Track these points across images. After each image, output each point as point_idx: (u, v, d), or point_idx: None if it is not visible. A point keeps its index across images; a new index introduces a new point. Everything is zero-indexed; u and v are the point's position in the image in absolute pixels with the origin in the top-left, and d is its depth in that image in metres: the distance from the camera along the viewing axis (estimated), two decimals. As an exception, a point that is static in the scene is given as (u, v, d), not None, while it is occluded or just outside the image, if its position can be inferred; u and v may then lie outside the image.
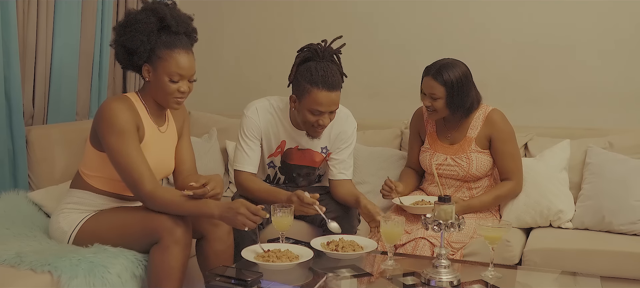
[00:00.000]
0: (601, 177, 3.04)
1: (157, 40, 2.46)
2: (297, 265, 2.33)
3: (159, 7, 2.49)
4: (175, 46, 2.47)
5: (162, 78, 2.47)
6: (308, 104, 2.72)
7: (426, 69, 2.94)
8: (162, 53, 2.46)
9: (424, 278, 2.24)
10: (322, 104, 2.70)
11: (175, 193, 2.43)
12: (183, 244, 2.38)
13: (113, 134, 2.40)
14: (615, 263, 2.72)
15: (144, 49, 2.46)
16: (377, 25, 3.84)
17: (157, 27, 2.47)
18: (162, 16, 2.47)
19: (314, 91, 2.69)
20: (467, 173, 2.96)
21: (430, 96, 2.90)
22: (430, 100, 2.90)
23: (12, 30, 2.94)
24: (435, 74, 2.87)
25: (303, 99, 2.73)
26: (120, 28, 2.51)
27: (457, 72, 2.87)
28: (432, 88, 2.88)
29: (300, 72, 2.74)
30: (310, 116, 2.74)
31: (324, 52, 2.77)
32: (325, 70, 2.70)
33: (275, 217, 2.48)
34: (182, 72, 2.47)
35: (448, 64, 2.89)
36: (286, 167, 2.98)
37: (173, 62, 2.46)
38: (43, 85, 3.19)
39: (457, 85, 2.86)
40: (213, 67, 4.15)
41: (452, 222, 2.22)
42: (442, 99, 2.88)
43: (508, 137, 2.97)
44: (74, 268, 2.26)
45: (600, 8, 3.48)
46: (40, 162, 3.06)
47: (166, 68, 2.46)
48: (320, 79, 2.68)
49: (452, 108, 2.90)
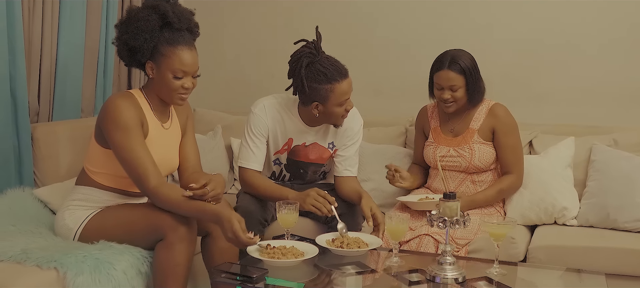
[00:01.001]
0: (606, 175, 3.04)
1: (160, 37, 2.46)
2: (302, 261, 2.33)
3: (161, 4, 2.49)
4: (178, 43, 2.46)
5: (166, 75, 2.47)
6: (335, 99, 2.74)
7: (437, 63, 2.95)
8: (165, 50, 2.46)
9: (429, 275, 2.24)
10: (346, 91, 2.75)
11: (179, 191, 2.41)
12: (188, 241, 2.38)
13: (118, 130, 2.40)
14: (620, 261, 2.72)
15: (146, 47, 2.46)
16: (381, 22, 3.84)
17: (159, 24, 2.46)
18: (163, 13, 2.47)
19: (335, 86, 2.71)
20: (470, 164, 2.96)
21: (450, 88, 2.91)
22: (451, 92, 2.91)
23: (18, 28, 2.94)
24: (451, 65, 2.89)
25: (329, 99, 2.73)
26: (123, 26, 2.51)
27: (468, 58, 2.92)
28: (451, 80, 2.89)
29: (312, 77, 2.72)
30: (339, 109, 2.77)
31: (318, 47, 2.77)
32: (331, 62, 2.73)
33: (281, 214, 2.48)
34: (185, 68, 2.47)
35: (457, 53, 2.92)
36: (292, 164, 2.99)
37: (176, 58, 2.46)
38: (48, 83, 3.20)
39: (473, 69, 2.91)
40: (217, 64, 4.16)
41: (457, 218, 2.22)
42: (462, 87, 2.90)
43: (511, 130, 2.98)
44: (80, 265, 2.27)
45: (603, 5, 3.47)
46: (45, 159, 3.07)
47: (169, 65, 2.46)
48: (335, 72, 2.71)
49: (472, 93, 2.92)
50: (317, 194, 2.70)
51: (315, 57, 2.74)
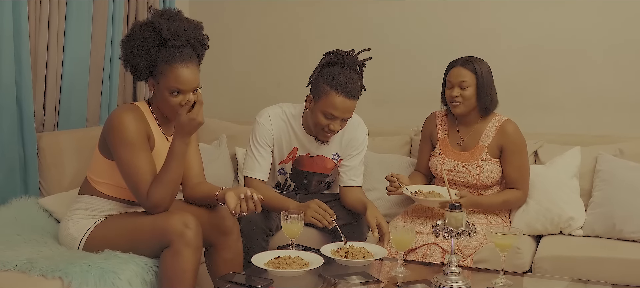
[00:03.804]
0: (612, 185, 3.03)
1: (157, 55, 2.45)
2: (307, 271, 2.32)
3: (157, 21, 2.45)
4: (174, 60, 2.43)
5: (164, 92, 2.46)
6: (324, 105, 2.73)
7: (451, 62, 2.98)
8: (162, 68, 2.44)
9: (435, 286, 2.24)
10: (338, 109, 2.72)
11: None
12: (194, 247, 2.38)
13: (123, 145, 2.40)
14: (627, 271, 2.70)
15: (143, 65, 2.46)
16: (387, 32, 3.84)
17: (156, 43, 2.45)
18: (158, 30, 2.43)
19: (332, 94, 2.71)
20: (477, 181, 2.95)
21: (460, 85, 2.91)
22: (459, 89, 2.91)
23: (24, 37, 2.95)
24: (464, 63, 2.93)
25: (320, 100, 2.74)
26: (124, 44, 2.51)
27: (484, 64, 2.95)
28: (461, 76, 2.90)
29: (322, 74, 2.77)
30: (322, 119, 2.75)
31: (349, 60, 2.79)
32: (347, 77, 2.73)
33: (286, 223, 2.48)
34: (181, 86, 2.44)
35: (474, 57, 2.96)
36: (297, 174, 2.99)
37: (172, 76, 2.43)
38: (54, 92, 3.20)
39: (486, 75, 2.92)
40: (222, 74, 4.16)
41: (463, 229, 2.22)
42: (472, 86, 2.90)
43: (519, 149, 2.96)
44: (85, 275, 2.26)
45: (610, 14, 3.47)
46: (50, 168, 3.07)
47: (166, 83, 2.44)
48: (341, 84, 2.71)
49: (480, 97, 2.92)
50: (317, 206, 2.69)
51: (340, 62, 2.79)
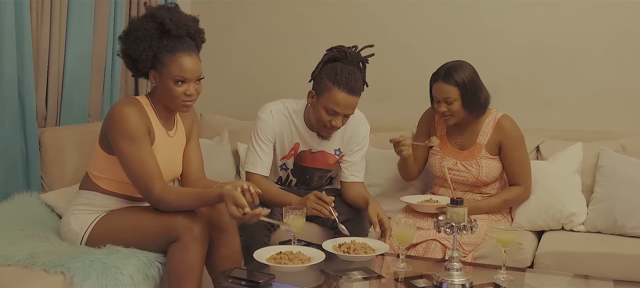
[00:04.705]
0: (613, 180, 3.03)
1: (159, 45, 2.46)
2: (309, 267, 2.33)
3: (158, 12, 2.48)
4: (177, 50, 2.46)
5: (168, 83, 2.47)
6: (325, 101, 2.73)
7: (433, 76, 2.92)
8: (165, 58, 2.46)
9: (436, 281, 2.24)
10: (340, 105, 2.72)
11: (180, 191, 2.45)
12: (201, 241, 2.39)
13: (124, 139, 2.41)
14: (628, 267, 2.71)
15: (146, 56, 2.47)
16: (388, 28, 3.84)
17: (158, 33, 2.46)
18: (161, 21, 2.46)
19: (334, 90, 2.71)
20: (477, 180, 2.95)
21: (445, 101, 2.87)
22: (446, 105, 2.88)
23: (26, 33, 2.95)
24: (445, 77, 2.85)
25: (322, 96, 2.74)
26: (124, 37, 2.52)
27: (466, 71, 2.86)
28: (445, 92, 2.86)
29: (325, 70, 2.77)
30: (324, 114, 2.76)
31: (352, 56, 2.79)
32: (349, 73, 2.73)
33: (287, 219, 2.48)
34: (185, 74, 2.46)
35: (454, 65, 2.88)
36: (299, 169, 2.99)
37: (176, 66, 2.45)
38: (56, 87, 3.21)
39: (469, 83, 2.85)
40: (224, 69, 4.16)
41: (464, 224, 2.22)
42: (457, 100, 2.86)
43: (518, 144, 2.95)
44: (87, 269, 2.27)
45: (611, 10, 3.46)
46: (52, 163, 3.07)
47: (170, 72, 2.46)
48: (344, 80, 2.71)
49: (469, 107, 2.88)
50: (315, 197, 2.70)
51: (343, 58, 2.79)
